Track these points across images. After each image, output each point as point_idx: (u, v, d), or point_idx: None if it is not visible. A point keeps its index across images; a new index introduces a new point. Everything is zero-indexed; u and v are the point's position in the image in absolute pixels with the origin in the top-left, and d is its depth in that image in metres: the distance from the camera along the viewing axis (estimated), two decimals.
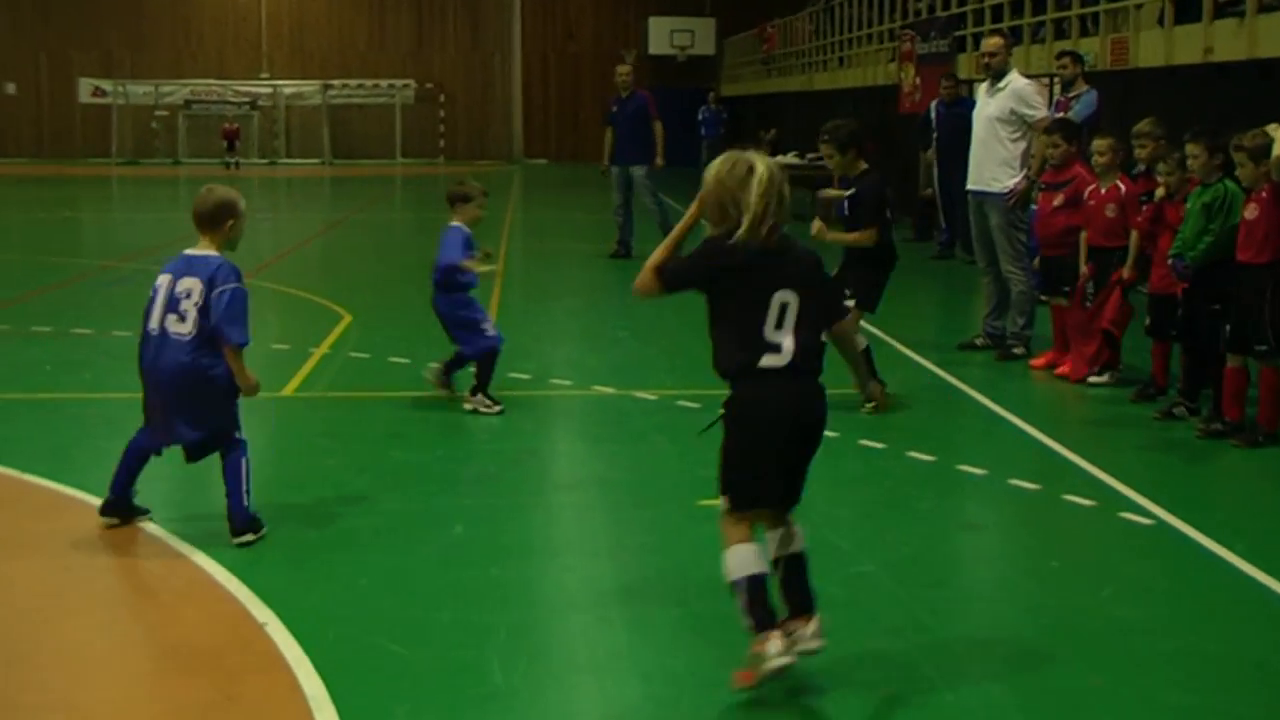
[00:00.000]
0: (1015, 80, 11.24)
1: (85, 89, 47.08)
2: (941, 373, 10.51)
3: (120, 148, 46.39)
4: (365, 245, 20.91)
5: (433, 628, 5.29)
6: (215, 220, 6.42)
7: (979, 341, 11.47)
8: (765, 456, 4.66)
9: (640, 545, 6.37)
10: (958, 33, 21.26)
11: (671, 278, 4.75)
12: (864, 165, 9.41)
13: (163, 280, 6.33)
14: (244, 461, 6.37)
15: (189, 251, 6.40)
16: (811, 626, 4.77)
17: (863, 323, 9.48)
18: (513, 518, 6.79)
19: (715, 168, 4.75)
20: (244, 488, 6.32)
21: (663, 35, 46.33)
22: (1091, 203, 10.11)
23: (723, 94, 40.79)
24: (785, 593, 4.81)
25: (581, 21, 48.44)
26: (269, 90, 47.50)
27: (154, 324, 6.27)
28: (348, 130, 47.68)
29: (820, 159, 24.11)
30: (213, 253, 6.37)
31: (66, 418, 8.94)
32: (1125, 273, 9.76)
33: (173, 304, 6.24)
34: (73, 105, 47.05)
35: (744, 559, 4.64)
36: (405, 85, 47.66)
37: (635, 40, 47.37)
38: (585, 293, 15.36)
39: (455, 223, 9.11)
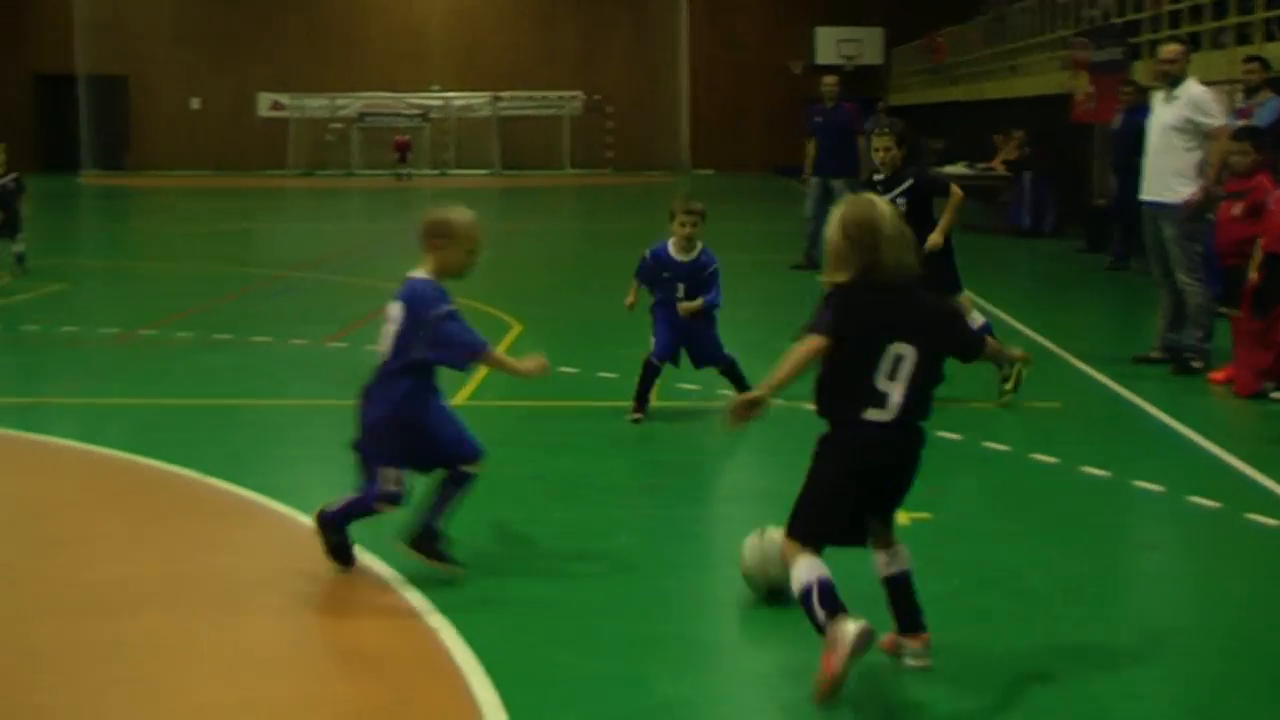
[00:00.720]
0: (1191, 88, 10.97)
1: (264, 103, 48.35)
2: (1116, 386, 10.29)
3: (296, 160, 47.54)
4: (535, 255, 21.11)
5: (602, 637, 5.31)
6: (422, 239, 6.06)
7: (1155, 355, 11.21)
8: (843, 500, 4.77)
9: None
10: (1133, 39, 20.83)
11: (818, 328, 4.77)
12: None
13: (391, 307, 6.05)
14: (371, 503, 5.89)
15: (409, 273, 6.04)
16: (919, 644, 4.90)
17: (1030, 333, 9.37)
18: (681, 529, 6.81)
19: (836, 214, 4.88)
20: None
21: (830, 45, 46.11)
22: (1273, 209, 9.85)
23: (890, 103, 40.44)
24: (894, 611, 4.94)
25: (748, 32, 48.40)
26: (440, 102, 48.28)
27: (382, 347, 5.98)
28: (517, 141, 48.23)
29: (990, 168, 23.80)
30: (420, 275, 6.03)
31: (247, 424, 9.16)
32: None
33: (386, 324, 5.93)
34: (252, 119, 48.34)
35: (809, 567, 4.69)
36: (573, 96, 48.08)
37: (802, 50, 47.25)
38: (754, 304, 15.31)
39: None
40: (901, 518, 6.70)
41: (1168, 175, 10.90)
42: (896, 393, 4.67)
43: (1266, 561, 6.43)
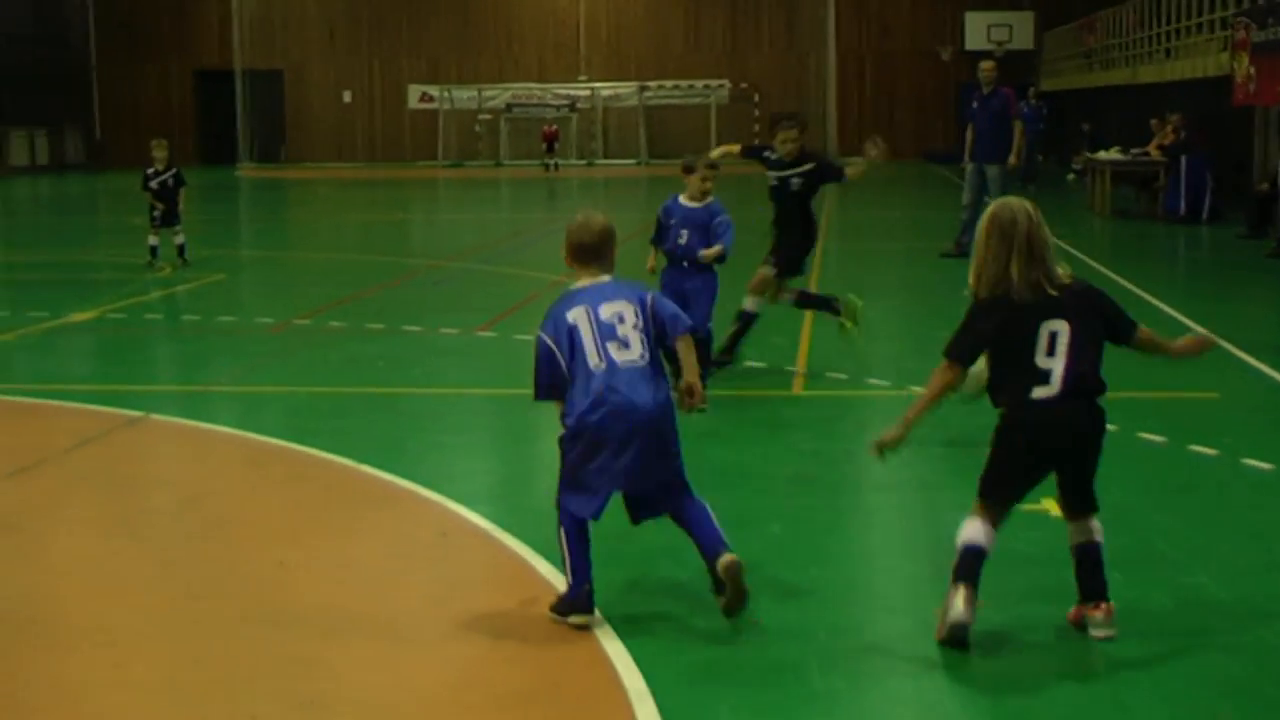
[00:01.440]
0: None
1: (414, 95, 49.04)
2: (1279, 376, 9.99)
3: (446, 151, 48.15)
4: None
5: (751, 627, 5.28)
6: (604, 250, 5.68)
7: None
8: (1018, 466, 5.18)
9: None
10: None
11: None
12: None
13: (574, 316, 5.44)
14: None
15: (580, 286, 5.57)
16: (1101, 613, 5.12)
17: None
18: (831, 518, 6.75)
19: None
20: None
21: (980, 30, 45.50)
22: None
23: (1042, 89, 39.74)
24: (1078, 579, 5.21)
25: (897, 18, 47.96)
26: (587, 92, 48.54)
27: (595, 360, 5.36)
28: (664, 131, 48.31)
29: (1145, 153, 23.27)
30: (607, 279, 5.61)
31: (398, 412, 9.28)
32: None
33: (606, 333, 5.40)
34: (402, 111, 49.06)
35: (970, 531, 5.14)
36: (720, 85, 48.04)
37: (952, 36, 46.70)
38: (903, 292, 15.18)
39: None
40: (1053, 509, 6.62)
41: None
42: (1058, 367, 5.02)
43: None
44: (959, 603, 5.01)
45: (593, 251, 5.59)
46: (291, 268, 18.84)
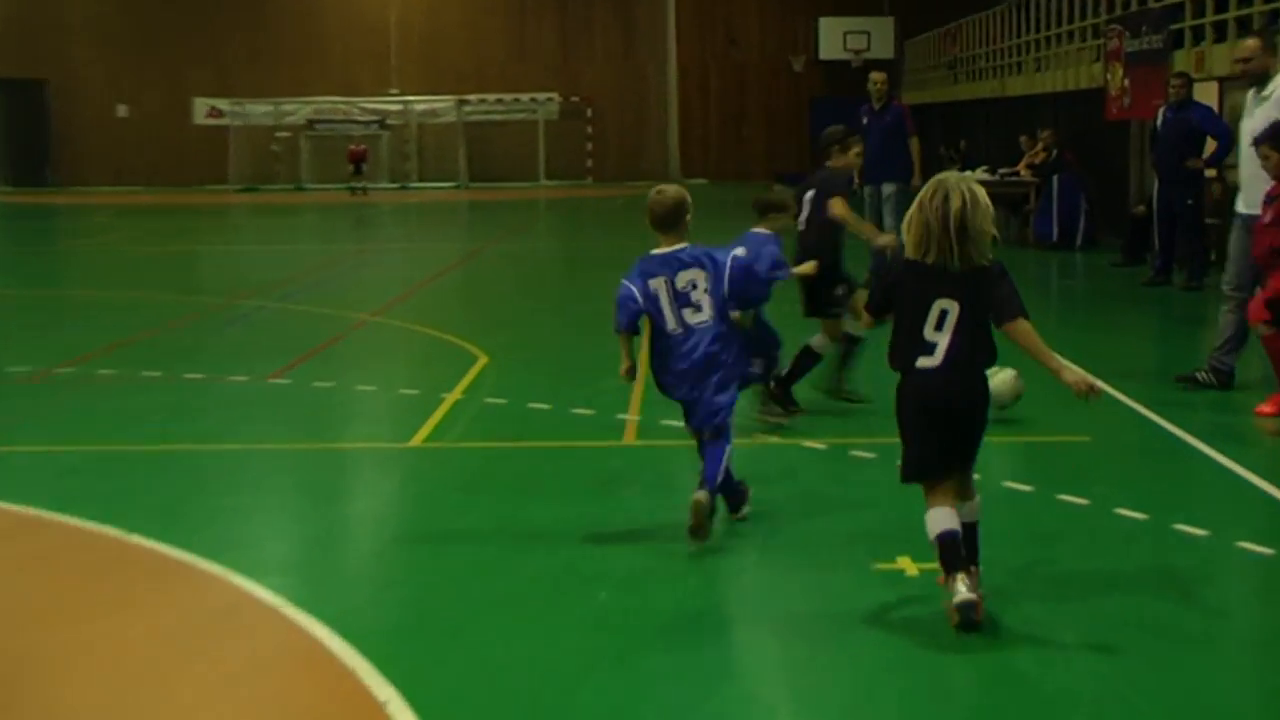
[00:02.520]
0: None
1: (200, 110, 48.42)
2: (1155, 417, 10.30)
3: (238, 173, 47.57)
4: (505, 278, 21.13)
5: (575, 711, 5.29)
6: (677, 219, 7.46)
7: (1201, 376, 11.22)
8: (916, 431, 6.19)
9: (813, 613, 6.31)
10: (1174, 26, 20.90)
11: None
12: None
13: (656, 285, 7.35)
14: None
15: (660, 252, 7.41)
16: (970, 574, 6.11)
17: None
18: (666, 582, 6.78)
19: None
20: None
21: (835, 38, 46.34)
22: None
23: (903, 102, 40.56)
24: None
25: (744, 26, 48.61)
26: (399, 107, 48.41)
27: (673, 325, 7.34)
28: (486, 150, 48.38)
29: (1014, 173, 23.86)
30: (682, 245, 7.42)
31: (177, 472, 9.14)
32: None
33: (682, 300, 7.32)
34: (187, 128, 48.39)
35: (934, 519, 6.14)
36: (549, 99, 48.23)
37: (805, 44, 47.49)
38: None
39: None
40: (910, 568, 6.74)
41: (1262, 185, 10.89)
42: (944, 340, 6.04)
43: None
44: (960, 587, 5.96)
45: (664, 221, 7.44)
46: (55, 308, 18.45)
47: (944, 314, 6.01)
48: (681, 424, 9.97)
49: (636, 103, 48.97)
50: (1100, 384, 6.38)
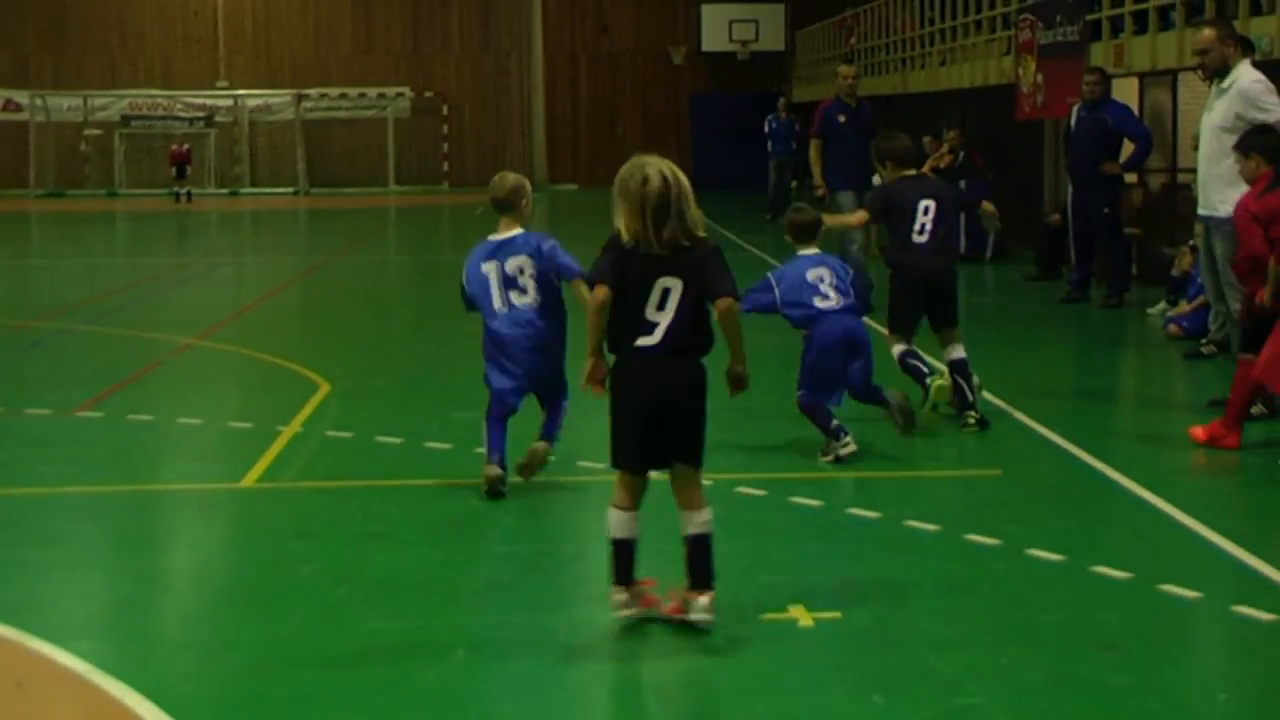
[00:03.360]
0: (1241, 79, 11.26)
1: None
2: (1072, 448, 10.44)
3: (40, 176, 46.83)
4: (350, 296, 21.01)
5: None
6: (514, 203, 9.12)
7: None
8: (628, 422, 6.73)
9: (693, 669, 6.32)
10: (1090, 16, 21.24)
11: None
12: None
13: (488, 268, 9.08)
14: (566, 404, 9.36)
15: (497, 237, 9.11)
16: (704, 600, 6.62)
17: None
18: (530, 640, 6.76)
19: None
20: (560, 423, 9.37)
21: (719, 27, 46.63)
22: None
23: (794, 100, 40.89)
24: (687, 568, 6.69)
25: (618, 13, 48.78)
26: (229, 102, 48.01)
27: (500, 304, 9.05)
28: (327, 152, 48.12)
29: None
30: (518, 230, 9.10)
31: None
32: (1266, 298, 9.83)
33: (509, 283, 9.02)
34: None
35: (614, 522, 6.79)
36: (399, 95, 48.09)
37: (686, 34, 47.74)
38: None
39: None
40: (804, 618, 6.77)
41: (1221, 185, 11.10)
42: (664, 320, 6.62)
43: (1256, 663, 6.52)
44: (617, 599, 6.71)
45: (503, 204, 9.14)
46: None
47: (666, 292, 6.59)
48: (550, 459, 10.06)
49: (497, 99, 48.97)
50: (745, 380, 6.89)
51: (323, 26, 48.83)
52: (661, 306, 6.58)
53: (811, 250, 10.29)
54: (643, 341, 6.59)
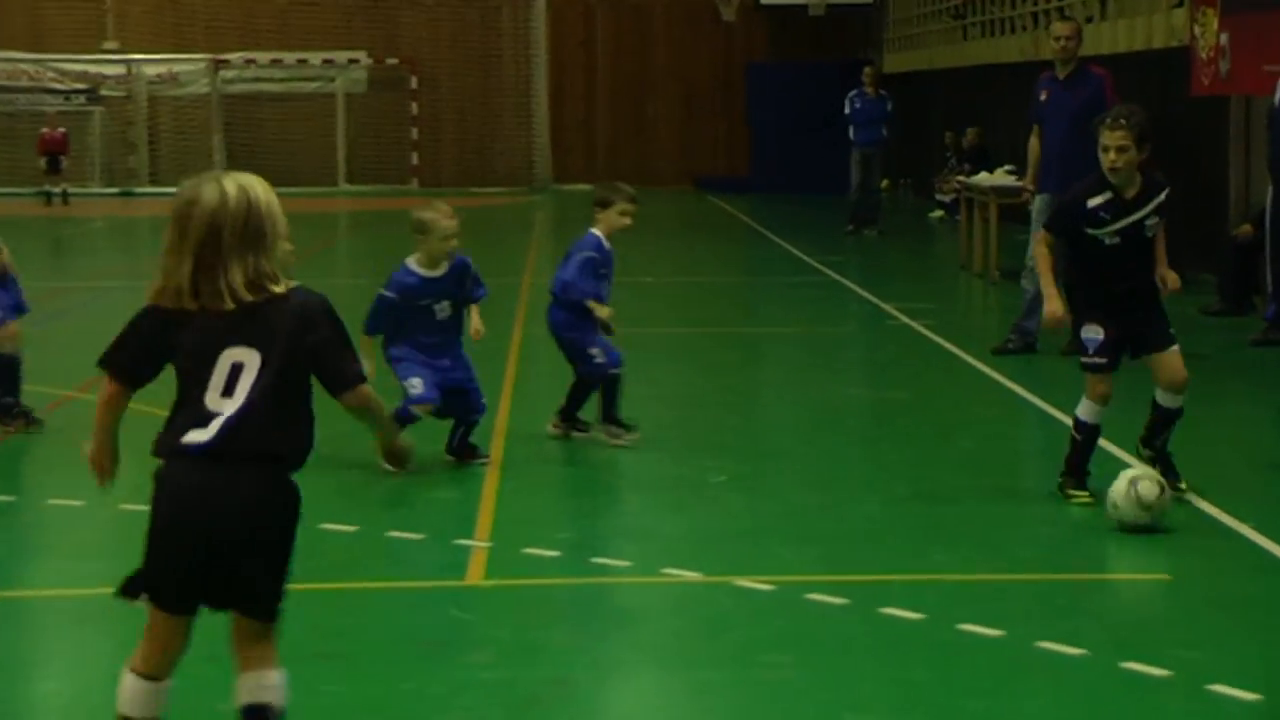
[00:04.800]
0: None
1: None
2: (1270, 545, 10.41)
3: None
4: None
5: None
6: None
7: None
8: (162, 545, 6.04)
9: None
10: None
11: None
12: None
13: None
14: None
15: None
16: None
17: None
18: None
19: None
20: None
21: None
22: None
23: (884, 70, 40.90)
24: None
25: None
26: (120, 71, 48.13)
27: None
28: (255, 139, 48.16)
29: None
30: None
31: None
32: None
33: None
34: None
35: (124, 691, 6.13)
36: (352, 63, 48.17)
37: None
38: (666, 406, 15.31)
39: (595, 230, 13.36)
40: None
41: None
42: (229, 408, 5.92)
43: None
44: None
45: None
46: None
47: (236, 369, 5.95)
48: (557, 553, 10.09)
49: (484, 71, 48.95)
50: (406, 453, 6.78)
51: None
52: (228, 391, 5.93)
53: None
54: (193, 437, 5.93)
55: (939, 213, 34.94)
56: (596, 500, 11.58)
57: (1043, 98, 17.87)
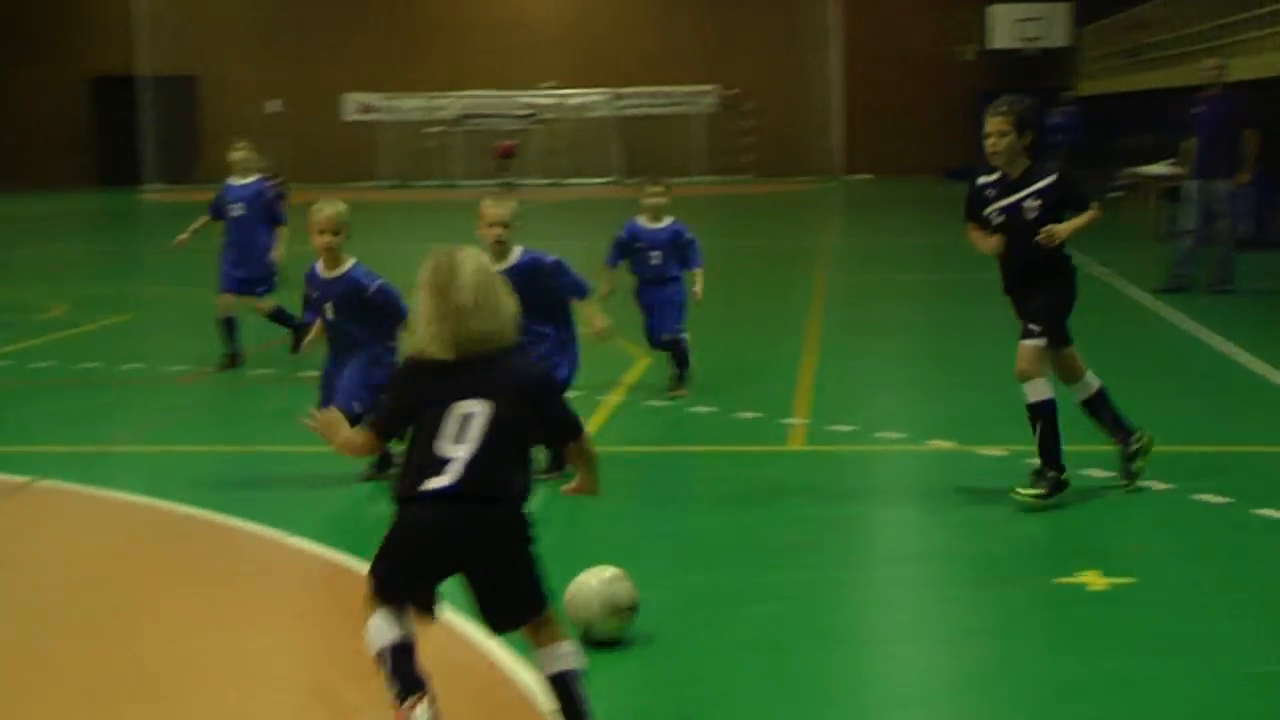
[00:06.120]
0: None
1: (351, 105, 49.00)
2: None
3: (388, 169, 48.11)
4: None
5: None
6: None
7: None
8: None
9: (983, 630, 6.25)
10: None
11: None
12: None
13: None
14: None
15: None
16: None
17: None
18: (833, 596, 6.76)
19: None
20: None
21: (1006, 26, 45.80)
22: None
23: (1079, 94, 39.95)
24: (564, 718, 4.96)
25: (908, 13, 48.16)
26: (553, 100, 48.67)
27: None
28: (641, 145, 48.37)
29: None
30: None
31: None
32: None
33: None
34: (336, 123, 48.95)
35: (378, 630, 4.87)
36: (706, 92, 48.25)
37: (974, 33, 46.95)
38: (920, 332, 15.19)
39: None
40: (1097, 582, 6.63)
41: None
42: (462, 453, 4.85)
43: None
44: (420, 713, 4.78)
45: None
46: (207, 308, 18.69)
47: (467, 420, 4.89)
48: (852, 428, 10.02)
49: (797, 95, 48.60)
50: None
51: (637, 29, 49.02)
52: (459, 439, 4.85)
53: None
54: (432, 484, 4.83)
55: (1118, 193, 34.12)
56: (876, 393, 11.47)
57: (1194, 111, 17.80)
